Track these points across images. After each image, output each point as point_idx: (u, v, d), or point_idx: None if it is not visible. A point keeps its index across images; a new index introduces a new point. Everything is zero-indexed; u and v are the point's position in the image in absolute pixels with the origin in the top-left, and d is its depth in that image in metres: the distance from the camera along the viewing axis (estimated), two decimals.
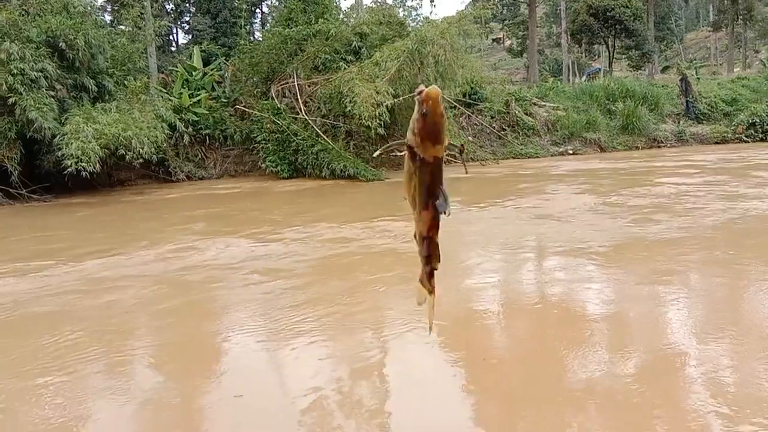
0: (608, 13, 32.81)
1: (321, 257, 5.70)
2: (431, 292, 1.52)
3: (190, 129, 13.64)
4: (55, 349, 3.50)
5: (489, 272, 5.14)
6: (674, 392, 2.81)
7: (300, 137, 13.31)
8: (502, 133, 18.00)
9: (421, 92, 1.27)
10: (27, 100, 10.16)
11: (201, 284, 4.91)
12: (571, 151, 18.36)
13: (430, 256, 1.45)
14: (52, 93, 10.69)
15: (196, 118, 14.13)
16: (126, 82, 12.93)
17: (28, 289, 4.89)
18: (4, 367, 3.32)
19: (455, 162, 11.70)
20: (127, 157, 10.72)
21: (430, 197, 1.34)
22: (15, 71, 10.19)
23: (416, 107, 1.29)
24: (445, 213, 1.35)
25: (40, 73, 10.47)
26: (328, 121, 13.72)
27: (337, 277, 5.08)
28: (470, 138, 16.98)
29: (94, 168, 10.00)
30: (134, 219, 9.32)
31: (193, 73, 15.71)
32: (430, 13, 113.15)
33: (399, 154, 1.34)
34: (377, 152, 1.20)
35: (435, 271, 1.49)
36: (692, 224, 6.54)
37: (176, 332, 3.91)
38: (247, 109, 14.57)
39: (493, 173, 13.40)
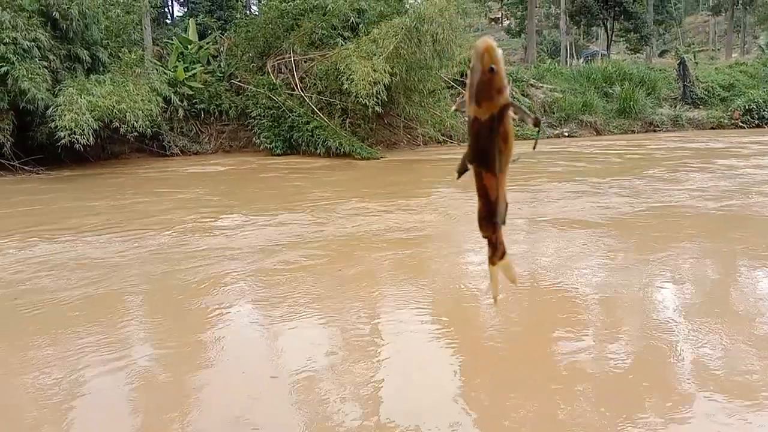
0: None
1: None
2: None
3: (185, 103, 13.56)
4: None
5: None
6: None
7: (295, 113, 13.23)
8: None
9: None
10: (19, 70, 10.02)
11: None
12: (567, 134, 18.36)
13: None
14: (45, 63, 10.56)
15: (191, 92, 14.01)
16: (120, 54, 12.75)
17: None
18: None
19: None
20: (122, 130, 10.65)
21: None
22: (7, 40, 10.04)
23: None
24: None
25: (32, 43, 10.33)
26: (324, 98, 13.62)
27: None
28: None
29: (88, 140, 9.92)
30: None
31: (189, 46, 15.50)
32: None
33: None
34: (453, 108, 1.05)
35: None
36: None
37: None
38: (242, 84, 14.46)
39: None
